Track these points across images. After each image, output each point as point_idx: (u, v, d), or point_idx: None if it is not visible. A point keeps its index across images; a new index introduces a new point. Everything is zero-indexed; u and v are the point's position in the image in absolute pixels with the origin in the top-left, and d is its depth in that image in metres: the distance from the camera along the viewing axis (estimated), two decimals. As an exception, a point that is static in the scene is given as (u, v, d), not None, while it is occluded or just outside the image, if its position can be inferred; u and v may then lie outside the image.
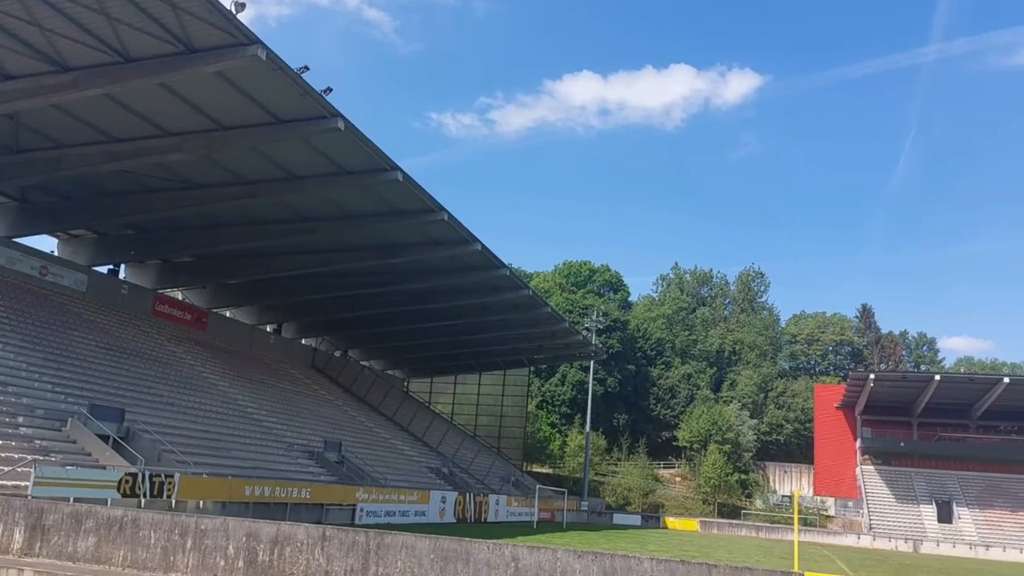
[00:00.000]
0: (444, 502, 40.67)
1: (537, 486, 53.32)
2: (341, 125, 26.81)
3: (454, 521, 40.74)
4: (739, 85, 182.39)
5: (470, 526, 39.47)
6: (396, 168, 30.48)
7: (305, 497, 30.05)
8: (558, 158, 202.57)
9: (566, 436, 77.78)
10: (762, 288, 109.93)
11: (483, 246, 37.98)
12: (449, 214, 34.35)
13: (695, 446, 77.26)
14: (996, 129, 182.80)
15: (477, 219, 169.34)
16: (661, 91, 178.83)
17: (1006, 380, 66.14)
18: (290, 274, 41.65)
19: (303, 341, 54.12)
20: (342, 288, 44.50)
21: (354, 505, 33.03)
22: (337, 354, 57.27)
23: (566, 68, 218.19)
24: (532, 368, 73.43)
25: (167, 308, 41.27)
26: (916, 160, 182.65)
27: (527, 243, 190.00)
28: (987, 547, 61.41)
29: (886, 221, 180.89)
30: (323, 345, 55.95)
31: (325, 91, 26.95)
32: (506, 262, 42.61)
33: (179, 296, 44.38)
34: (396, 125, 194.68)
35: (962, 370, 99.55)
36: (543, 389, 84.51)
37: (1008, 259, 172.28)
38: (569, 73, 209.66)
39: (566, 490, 56.88)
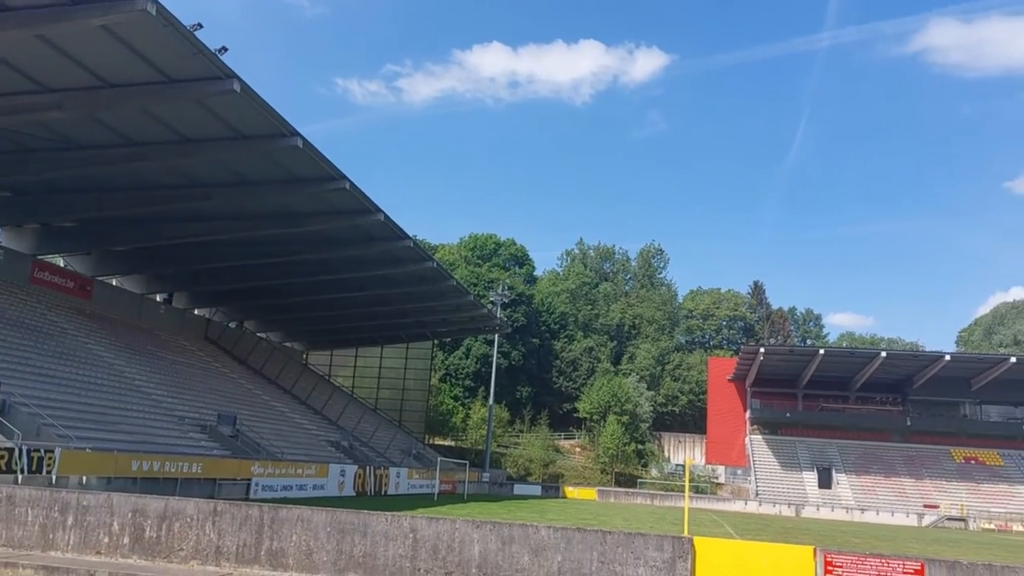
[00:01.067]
0: (343, 476, 40.22)
1: (439, 459, 53.42)
2: (237, 87, 25.70)
3: (354, 495, 40.38)
4: (646, 63, 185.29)
5: (370, 499, 39.21)
6: (296, 134, 29.52)
7: (197, 472, 29.12)
8: (466, 130, 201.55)
9: (469, 409, 78.16)
10: (662, 264, 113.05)
11: (386, 216, 37.38)
12: (351, 183, 33.59)
13: (595, 417, 79.03)
14: (884, 116, 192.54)
15: (382, 189, 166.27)
16: (571, 66, 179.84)
17: (883, 354, 70.34)
18: (182, 242, 39.95)
19: (196, 312, 52.18)
20: (238, 257, 42.98)
21: (249, 480, 32.26)
22: (232, 325, 55.53)
23: (476, 39, 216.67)
24: (436, 341, 73.26)
25: (47, 275, 38.95)
26: (809, 144, 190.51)
27: (433, 215, 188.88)
28: (862, 510, 65.47)
29: (780, 202, 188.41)
30: (217, 316, 54.12)
31: (220, 50, 25.75)
32: (410, 234, 42.12)
33: (60, 263, 41.92)
34: (300, 90, 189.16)
35: (844, 345, 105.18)
36: (447, 362, 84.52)
37: (889, 241, 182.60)
38: (479, 44, 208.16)
39: (468, 462, 57.24)
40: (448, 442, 76.69)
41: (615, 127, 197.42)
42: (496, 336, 71.81)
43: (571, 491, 66.62)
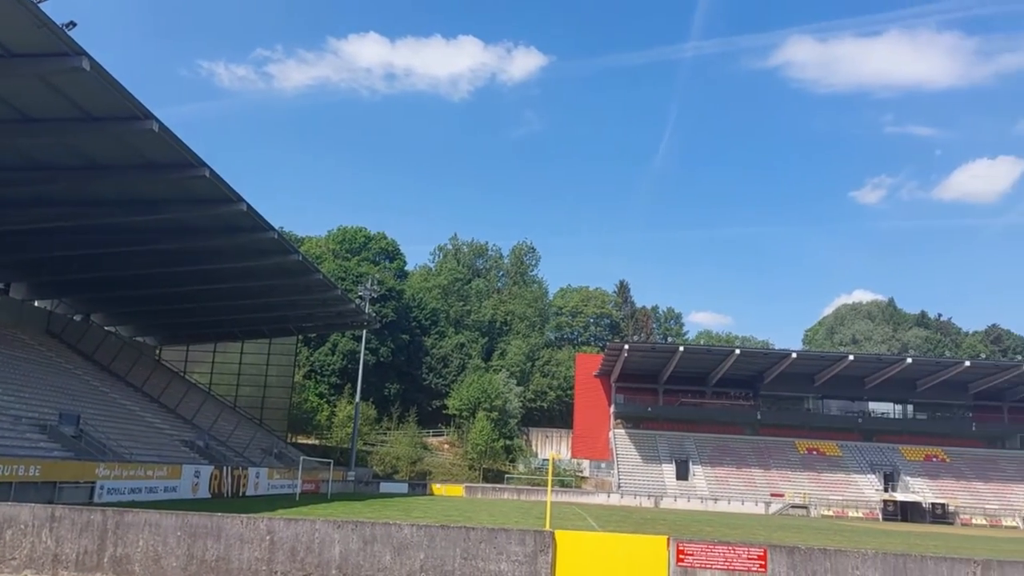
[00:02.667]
0: (198, 477, 38.42)
1: (302, 457, 51.98)
2: (86, 65, 23.97)
3: (209, 497, 38.67)
4: (524, 63, 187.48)
5: (227, 501, 37.66)
6: (151, 117, 27.86)
7: (34, 475, 27.02)
8: (340, 120, 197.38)
9: (335, 407, 76.53)
10: (533, 262, 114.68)
11: (249, 206, 35.93)
12: (211, 170, 32.06)
13: (464, 414, 79.19)
14: (745, 126, 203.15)
15: (246, 178, 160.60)
16: (449, 61, 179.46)
17: (737, 352, 74.27)
18: (22, 228, 36.94)
19: (36, 303, 48.45)
20: (86, 246, 40.18)
21: (93, 483, 30.24)
22: (77, 318, 51.93)
23: (352, 27, 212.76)
24: (300, 337, 71.25)
25: None
26: (675, 148, 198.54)
27: (301, 206, 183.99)
28: (716, 500, 68.87)
29: (646, 204, 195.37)
30: (61, 308, 50.43)
31: (67, 25, 23.98)
32: (276, 225, 40.72)
33: None
34: (160, 71, 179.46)
35: (702, 342, 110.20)
36: (312, 358, 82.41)
37: (746, 244, 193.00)
38: (355, 33, 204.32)
39: (332, 461, 55.99)
40: (312, 440, 74.81)
41: (492, 124, 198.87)
42: (364, 332, 70.63)
43: (439, 488, 66.49)
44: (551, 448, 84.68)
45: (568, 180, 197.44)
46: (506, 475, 75.27)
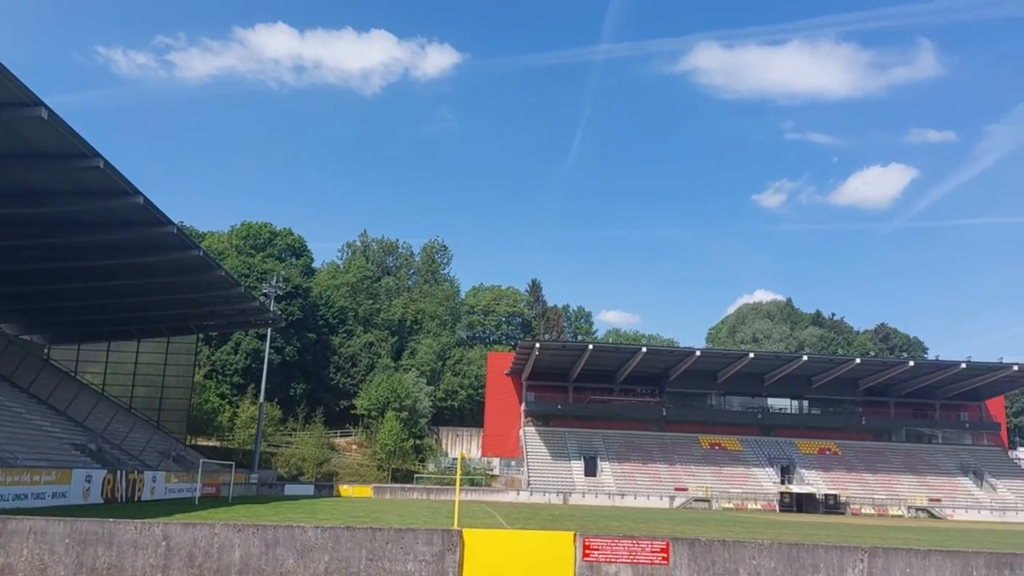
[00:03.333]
0: (89, 482, 36.56)
1: (201, 460, 50.21)
2: (-36, 42, 22.40)
3: (102, 502, 36.87)
4: (438, 59, 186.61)
5: (121, 506, 35.98)
6: (39, 103, 26.29)
7: (-96, 485, 25.12)
8: (245, 112, 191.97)
9: (237, 407, 74.23)
10: (445, 260, 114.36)
11: (146, 199, 34.37)
12: (106, 161, 30.50)
13: (373, 414, 78.15)
14: (654, 128, 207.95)
15: (145, 169, 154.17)
16: (360, 55, 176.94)
17: (644, 350, 75.93)
18: None
19: (-90, 300, 45.21)
20: (-35, 238, 37.66)
21: (-27, 491, 28.37)
22: (-43, 316, 48.73)
23: (259, 17, 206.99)
24: (201, 335, 68.80)
25: None
26: (586, 149, 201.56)
27: (203, 200, 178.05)
28: (622, 496, 70.18)
29: (558, 203, 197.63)
30: (-61, 305, 47.21)
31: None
32: (175, 219, 39.18)
33: None
34: (52, 56, 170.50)
35: (610, 341, 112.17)
36: (213, 358, 79.75)
37: (654, 244, 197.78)
38: (263, 23, 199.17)
39: (234, 463, 54.30)
40: (213, 443, 72.36)
41: (404, 121, 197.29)
42: (269, 331, 68.77)
43: (346, 489, 65.43)
44: (462, 447, 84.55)
45: (481, 178, 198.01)
46: (416, 475, 74.72)
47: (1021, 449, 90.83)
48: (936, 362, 79.66)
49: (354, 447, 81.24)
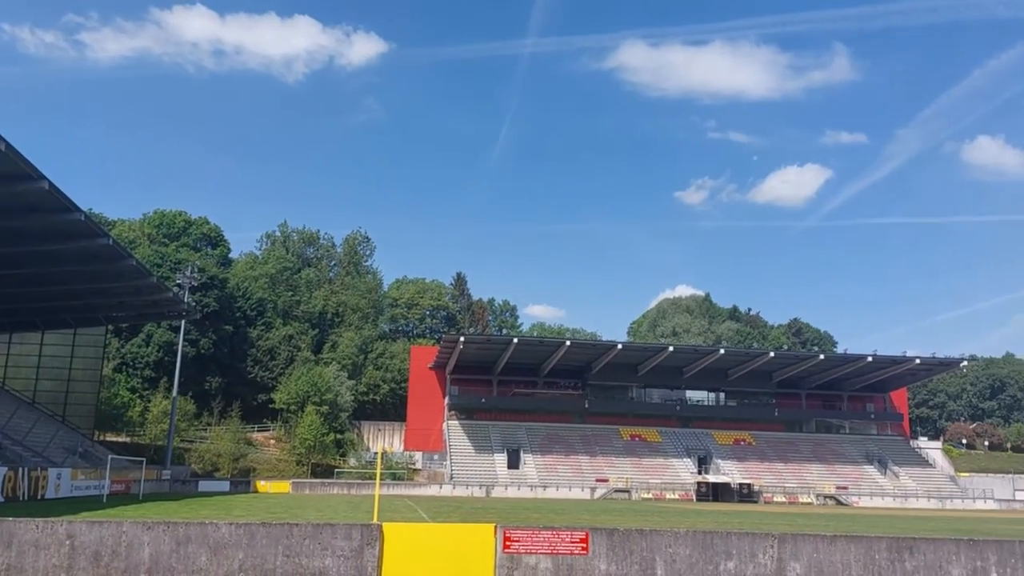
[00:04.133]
0: (-11, 480, 34.75)
1: (110, 456, 48.32)
2: None
3: (2, 500, 35.10)
4: (364, 48, 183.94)
5: (23, 505, 34.33)
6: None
7: None
8: (161, 96, 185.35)
9: (149, 402, 71.68)
10: (368, 252, 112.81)
11: (51, 184, 32.77)
12: (7, 143, 28.94)
13: (292, 408, 76.61)
14: (580, 124, 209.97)
15: (52, 153, 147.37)
16: (283, 41, 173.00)
17: (568, 343, 76.62)
18: None
19: None
20: None
21: None
22: None
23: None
24: (111, 327, 66.13)
25: None
26: (512, 142, 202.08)
27: (114, 186, 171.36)
28: (545, 488, 70.76)
29: (484, 197, 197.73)
30: None
31: None
32: (83, 206, 37.48)
33: None
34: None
35: (535, 334, 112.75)
36: (123, 350, 76.77)
37: (580, 239, 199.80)
38: (181, 4, 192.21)
39: (145, 459, 52.45)
40: (123, 438, 69.70)
41: (329, 110, 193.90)
42: (183, 322, 66.60)
43: (263, 485, 64.03)
44: (384, 441, 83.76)
45: (406, 170, 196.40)
46: (336, 470, 73.65)
47: (922, 439, 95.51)
48: (844, 356, 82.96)
49: (272, 442, 79.52)
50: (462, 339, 73.46)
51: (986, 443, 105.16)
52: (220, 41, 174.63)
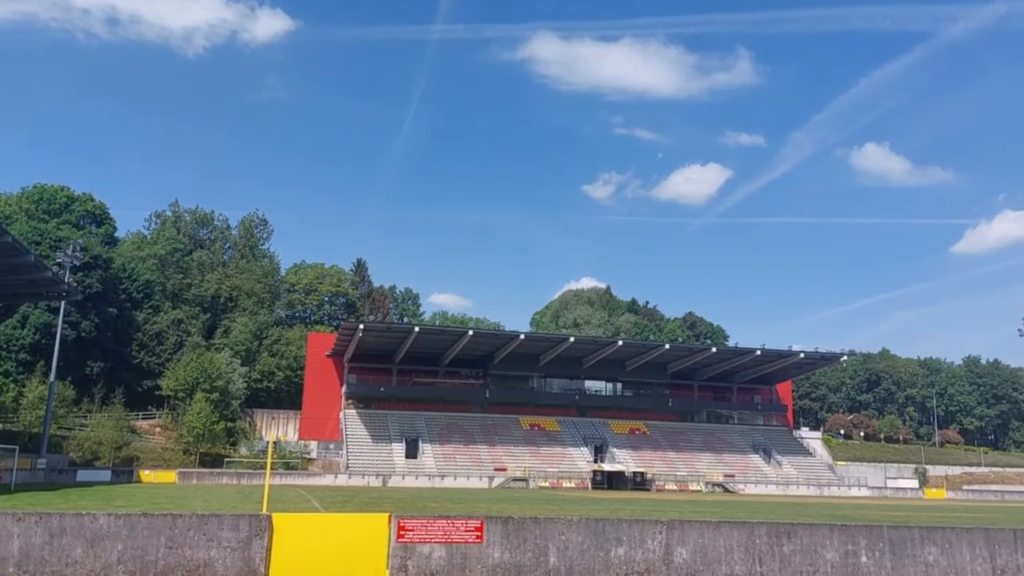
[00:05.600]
0: None
1: (-20, 444, 45.28)
2: None
3: None
4: (270, 25, 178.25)
5: None
6: None
7: None
8: (46, 63, 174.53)
9: (24, 386, 67.49)
10: (265, 235, 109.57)
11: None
12: None
13: (180, 395, 73.70)
14: (490, 114, 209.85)
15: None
16: (184, 13, 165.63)
17: (470, 332, 76.72)
18: None
19: None
20: None
21: None
22: None
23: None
24: (-16, 307, 61.97)
25: None
26: (419, 129, 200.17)
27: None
28: (443, 477, 70.71)
29: (389, 183, 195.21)
30: None
31: None
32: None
33: None
34: None
35: (437, 323, 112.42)
36: (-4, 332, 72.08)
37: (488, 229, 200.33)
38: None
39: (18, 447, 49.40)
40: (-6, 425, 65.53)
41: (229, 87, 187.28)
42: (63, 304, 63.01)
43: (147, 475, 61.53)
44: (278, 430, 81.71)
45: (309, 152, 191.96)
46: (226, 459, 71.42)
47: (804, 429, 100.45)
48: (735, 349, 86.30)
49: (158, 430, 76.36)
50: (362, 327, 72.43)
51: (862, 434, 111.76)
52: (114, 9, 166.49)
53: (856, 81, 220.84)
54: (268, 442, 77.48)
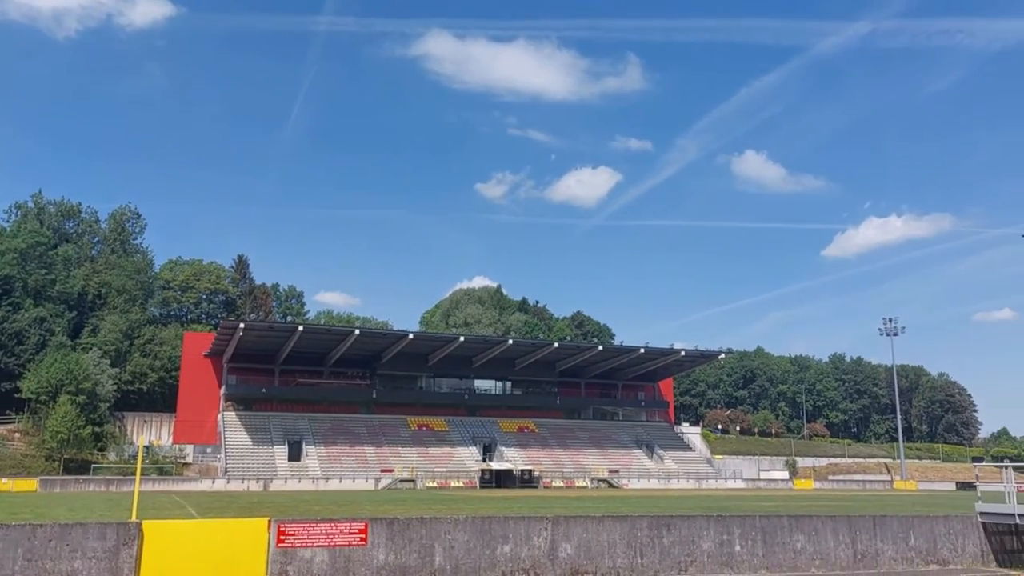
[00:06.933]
0: None
1: None
2: None
3: None
4: (149, 9, 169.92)
5: None
6: None
7: None
8: None
9: None
10: (137, 230, 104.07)
11: None
12: None
13: (43, 398, 69.18)
14: (381, 110, 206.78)
15: None
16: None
17: (357, 332, 75.33)
18: None
19: None
20: None
21: None
22: None
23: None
24: None
25: None
26: (305, 123, 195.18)
27: None
28: (327, 479, 69.21)
29: (272, 178, 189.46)
30: None
31: None
32: None
33: None
34: None
35: (322, 322, 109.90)
36: None
37: (378, 227, 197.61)
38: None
39: None
40: None
41: (103, 72, 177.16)
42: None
43: (5, 483, 57.47)
44: (151, 434, 77.78)
45: (187, 144, 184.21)
46: (94, 466, 67.51)
47: (684, 424, 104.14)
48: (620, 347, 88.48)
49: (17, 435, 71.40)
50: (242, 326, 69.96)
51: (738, 428, 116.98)
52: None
53: (736, 90, 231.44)
54: (139, 446, 73.80)
